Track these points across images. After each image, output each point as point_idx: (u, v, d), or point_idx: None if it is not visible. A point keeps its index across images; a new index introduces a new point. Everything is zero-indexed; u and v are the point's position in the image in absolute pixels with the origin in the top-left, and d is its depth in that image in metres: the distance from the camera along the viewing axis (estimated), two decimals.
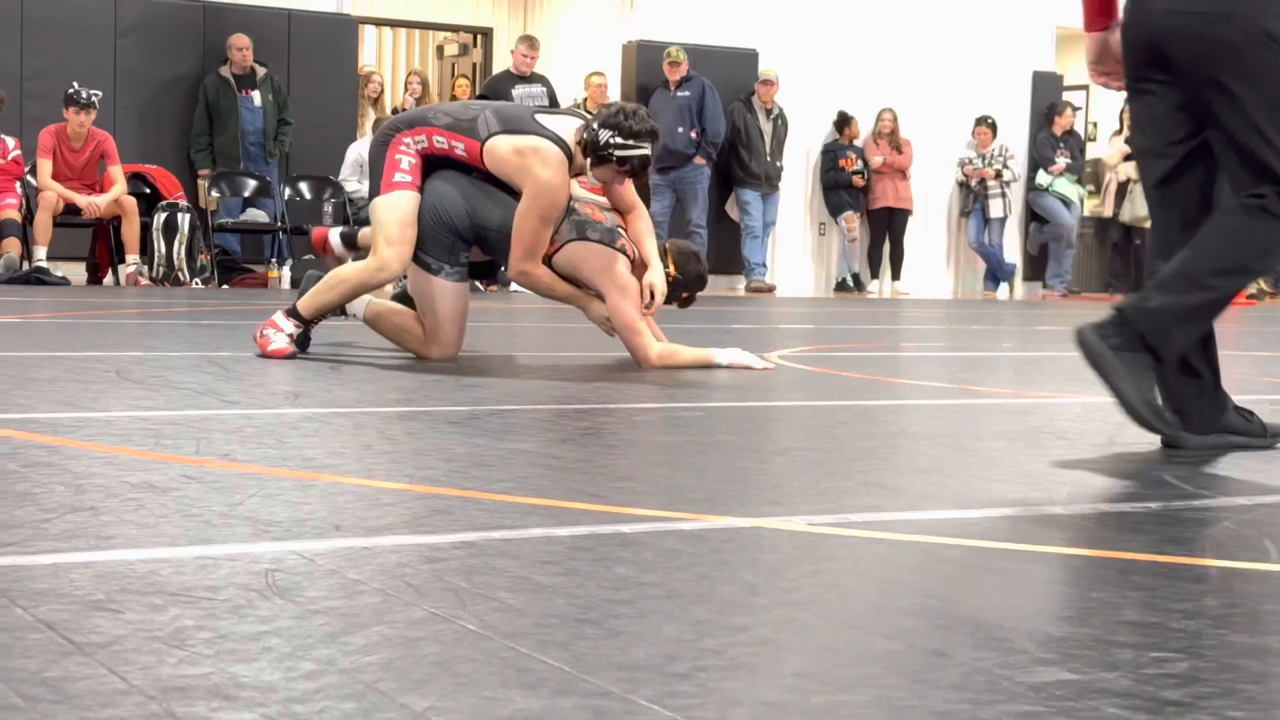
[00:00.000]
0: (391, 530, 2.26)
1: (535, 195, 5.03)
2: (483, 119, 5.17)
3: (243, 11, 12.66)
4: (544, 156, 5.04)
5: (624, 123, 5.07)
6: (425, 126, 5.18)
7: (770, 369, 5.32)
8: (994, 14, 15.93)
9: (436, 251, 5.15)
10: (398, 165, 5.16)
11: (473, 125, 5.15)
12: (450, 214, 5.12)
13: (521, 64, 13.09)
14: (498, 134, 5.11)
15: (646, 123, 5.13)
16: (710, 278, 15.35)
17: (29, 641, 1.60)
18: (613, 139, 5.07)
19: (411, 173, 5.16)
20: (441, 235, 5.13)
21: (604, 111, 5.15)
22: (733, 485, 2.84)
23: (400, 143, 5.18)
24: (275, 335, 5.16)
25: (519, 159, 5.05)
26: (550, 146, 5.08)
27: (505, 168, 5.09)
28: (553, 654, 1.62)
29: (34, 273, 10.51)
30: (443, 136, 5.16)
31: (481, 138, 5.12)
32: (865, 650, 1.68)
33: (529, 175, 5.03)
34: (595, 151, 5.09)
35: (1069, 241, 15.79)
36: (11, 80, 11.70)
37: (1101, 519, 2.60)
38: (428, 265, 5.16)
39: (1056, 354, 7.23)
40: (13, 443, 3.04)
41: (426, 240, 5.14)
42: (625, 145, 5.08)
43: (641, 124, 5.11)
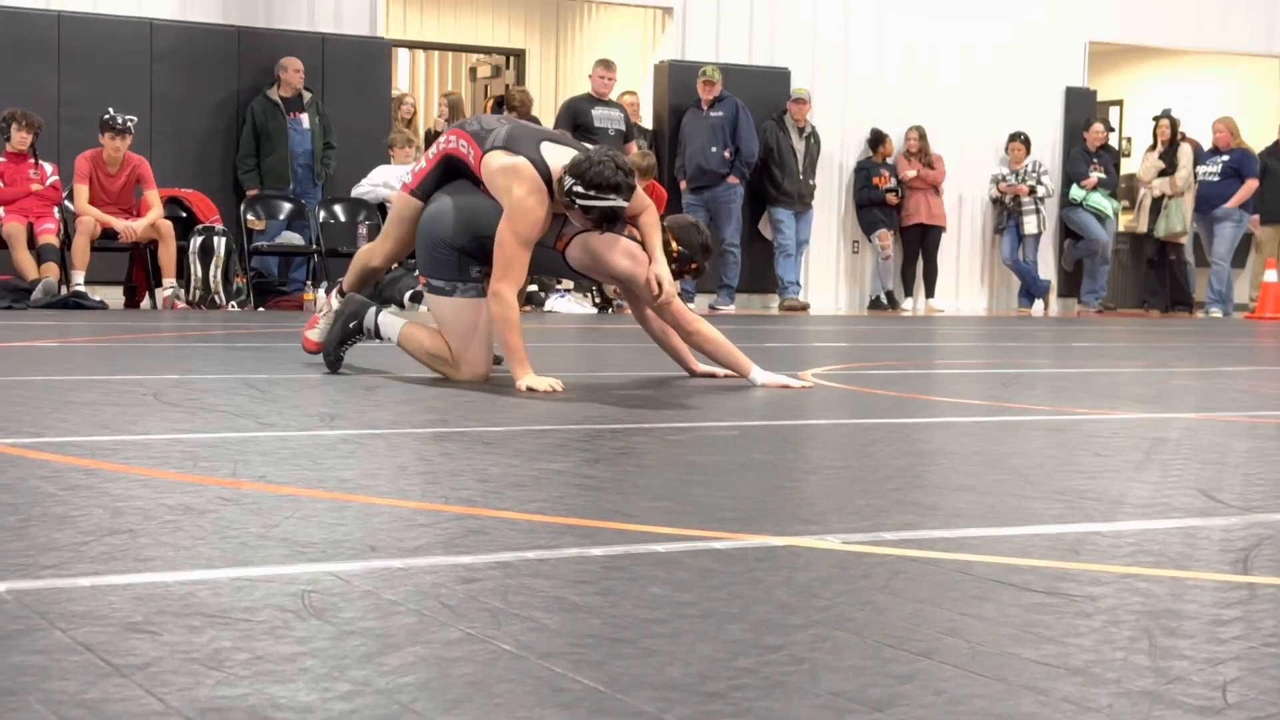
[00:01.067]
0: (427, 551, 2.27)
1: (510, 213, 5.02)
2: (495, 133, 5.21)
3: (278, 36, 12.75)
4: (522, 178, 5.03)
5: (587, 172, 4.92)
6: (461, 129, 5.31)
7: (809, 386, 5.32)
8: (1027, 30, 15.91)
9: (444, 272, 5.18)
10: (417, 163, 5.47)
11: (485, 136, 5.21)
12: (443, 233, 5.17)
13: (600, 86, 13.17)
14: (497, 149, 5.13)
15: (615, 176, 4.92)
16: (744, 296, 15.42)
17: (68, 663, 1.61)
18: (575, 187, 4.95)
19: (415, 175, 5.39)
20: (442, 255, 5.16)
21: (577, 157, 5.01)
22: (767, 504, 2.83)
23: (436, 141, 5.41)
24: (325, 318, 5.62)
25: (502, 177, 5.07)
26: (530, 169, 5.05)
27: (492, 182, 5.12)
28: (588, 674, 1.62)
29: (72, 297, 10.59)
30: (466, 141, 5.23)
31: (484, 148, 5.16)
32: (900, 669, 1.68)
33: (508, 194, 5.04)
34: (564, 196, 5.00)
35: (1104, 257, 15.73)
36: (49, 107, 11.80)
37: (1139, 537, 2.59)
38: (440, 289, 5.20)
39: (1092, 370, 7.20)
40: (52, 466, 3.06)
41: (431, 265, 5.19)
42: (587, 195, 4.94)
43: (606, 176, 4.91)
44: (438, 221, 5.19)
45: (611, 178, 4.93)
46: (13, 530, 2.34)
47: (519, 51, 17.22)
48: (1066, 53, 16.14)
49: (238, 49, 12.62)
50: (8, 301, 10.32)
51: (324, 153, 12.48)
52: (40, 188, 11.07)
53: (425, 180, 5.30)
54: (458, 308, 5.19)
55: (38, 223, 10.90)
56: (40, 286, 10.45)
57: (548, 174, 5.07)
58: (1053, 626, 1.89)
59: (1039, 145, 15.76)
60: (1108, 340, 10.39)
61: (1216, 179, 15.29)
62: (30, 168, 11.08)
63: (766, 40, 14.82)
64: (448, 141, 5.28)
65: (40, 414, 3.99)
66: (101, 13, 12.33)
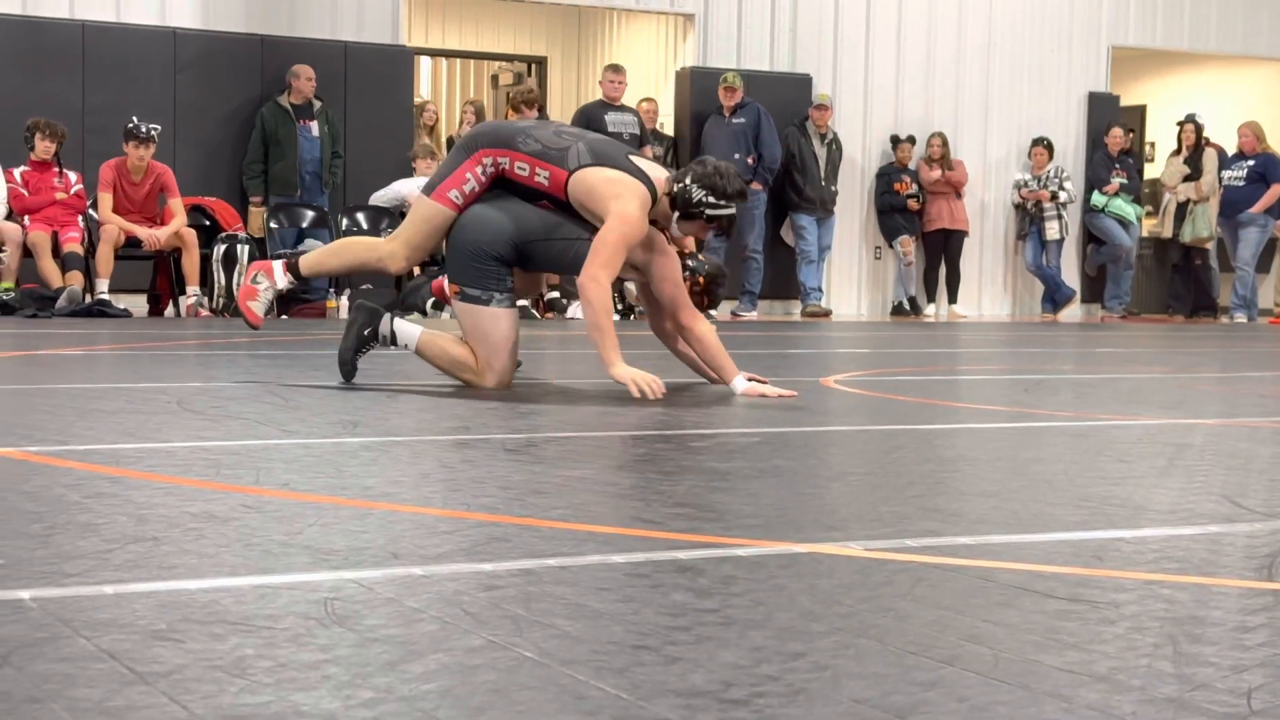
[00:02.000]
0: (449, 558, 2.27)
1: (620, 221, 5.05)
2: (575, 150, 5.21)
3: (300, 44, 12.79)
4: (633, 192, 5.11)
5: (718, 183, 5.18)
6: (510, 150, 5.23)
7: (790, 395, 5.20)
8: (1049, 35, 15.88)
9: (483, 283, 5.17)
10: (461, 181, 5.26)
11: (563, 155, 5.19)
12: (485, 242, 5.15)
13: (611, 91, 13.18)
14: (589, 166, 5.16)
15: (737, 183, 5.24)
16: (766, 303, 15.39)
17: (92, 671, 1.61)
18: (706, 198, 5.18)
19: (467, 197, 5.26)
20: (486, 267, 5.16)
21: (698, 169, 5.23)
22: (789, 511, 2.83)
23: (479, 160, 5.26)
24: (263, 292, 5.46)
25: (609, 187, 5.10)
26: (638, 184, 5.16)
27: (592, 196, 5.12)
28: (610, 681, 1.62)
29: (96, 305, 10.63)
30: (525, 163, 5.19)
31: (571, 168, 5.16)
32: (923, 677, 1.68)
33: (617, 203, 5.06)
34: (687, 207, 5.18)
35: (1127, 262, 15.68)
36: (73, 116, 11.85)
37: (1163, 543, 2.58)
38: (475, 298, 5.18)
39: (1116, 376, 7.17)
40: (76, 474, 3.07)
41: (470, 276, 5.17)
42: (717, 205, 5.19)
43: (733, 185, 5.22)
44: (477, 231, 5.18)
45: (737, 185, 5.25)
46: (38, 538, 2.35)
47: (541, 59, 17.25)
48: (1089, 58, 16.11)
49: (260, 58, 12.66)
50: (33, 310, 10.37)
51: (331, 161, 12.51)
52: (65, 196, 11.12)
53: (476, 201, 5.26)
54: (494, 317, 5.19)
55: (62, 231, 10.95)
56: (65, 295, 10.50)
57: (652, 187, 5.19)
58: (1076, 633, 1.89)
59: (1061, 150, 15.73)
60: (1131, 345, 10.36)
61: (1241, 184, 15.24)
62: (55, 176, 11.13)
63: (788, 46, 14.82)
64: (497, 165, 5.22)
65: (65, 422, 4.01)
66: (125, 22, 12.38)
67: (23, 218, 10.98)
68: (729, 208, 5.21)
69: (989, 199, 15.68)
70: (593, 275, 5.04)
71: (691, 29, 14.59)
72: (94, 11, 12.34)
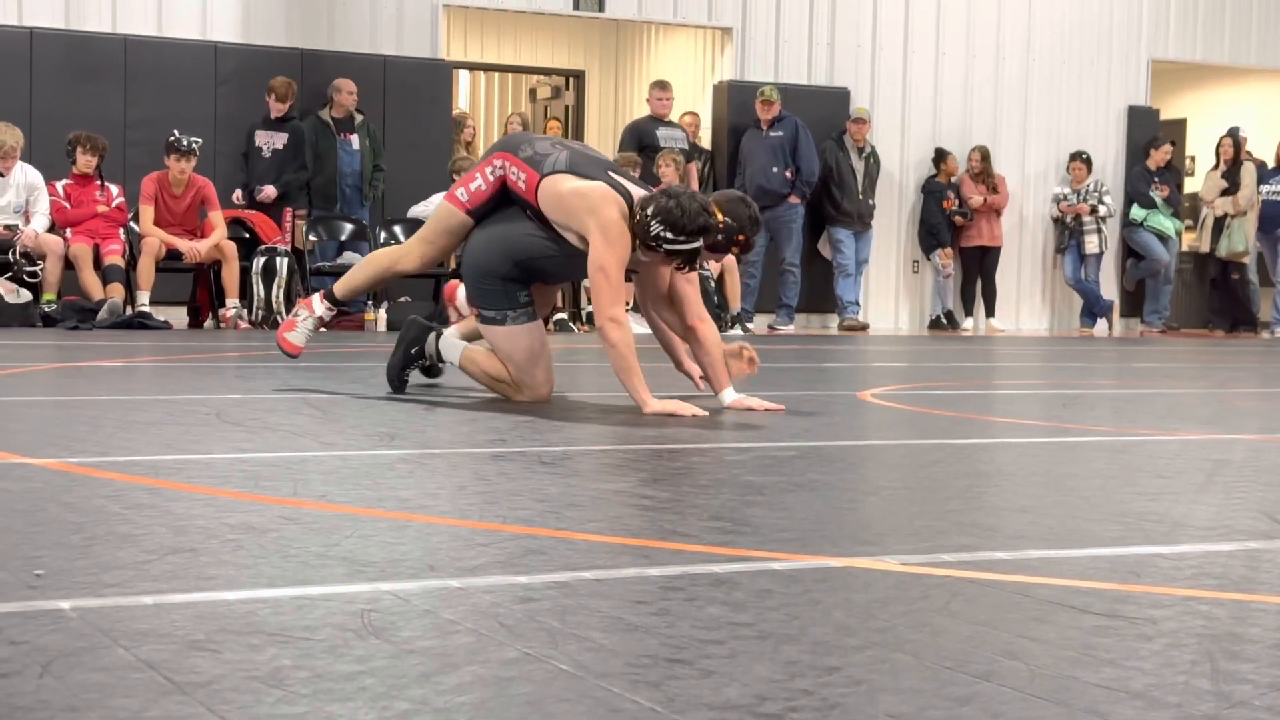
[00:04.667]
0: (485, 570, 2.28)
1: (606, 237, 4.93)
2: (554, 158, 5.15)
3: (340, 58, 12.85)
4: (607, 201, 4.98)
5: (677, 219, 4.89)
6: (512, 154, 5.23)
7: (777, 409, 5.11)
8: (1088, 49, 15.83)
9: (494, 303, 5.18)
10: (470, 180, 5.33)
11: (541, 161, 5.15)
12: (487, 265, 5.15)
13: (659, 108, 13.35)
14: (560, 173, 5.08)
15: (700, 218, 4.91)
16: (803, 316, 15.37)
17: (131, 681, 1.62)
18: (663, 233, 4.92)
19: (473, 196, 5.30)
20: (489, 286, 5.16)
21: (661, 200, 4.94)
22: (825, 525, 2.83)
23: (490, 162, 5.31)
24: (302, 322, 5.59)
25: (579, 200, 4.99)
26: (610, 190, 5.03)
27: (560, 206, 5.03)
28: (645, 694, 1.62)
29: (137, 317, 10.70)
30: (517, 168, 5.20)
31: (543, 172, 5.10)
32: (959, 692, 1.67)
33: (594, 216, 4.95)
34: (644, 239, 4.95)
35: (1166, 277, 15.60)
36: (115, 129, 11.94)
37: (1201, 559, 2.57)
38: (491, 319, 5.20)
39: (1154, 391, 7.14)
40: (116, 485, 3.09)
41: (483, 298, 5.19)
42: (674, 241, 4.93)
43: (693, 221, 4.90)
44: (480, 254, 5.22)
45: (700, 220, 4.92)
46: (77, 549, 2.37)
47: (579, 73, 17.28)
48: (1129, 71, 16.04)
49: (300, 71, 12.72)
50: (74, 322, 10.44)
51: (373, 175, 12.57)
52: (106, 209, 11.20)
53: (485, 203, 5.29)
54: (512, 335, 5.21)
55: (104, 244, 11.03)
56: (106, 307, 10.57)
57: (629, 198, 5.04)
58: (1113, 649, 1.88)
59: (1100, 164, 15.67)
60: (1170, 361, 10.30)
61: None
62: (96, 189, 11.21)
63: (825, 60, 14.81)
64: (505, 168, 5.24)
65: (105, 433, 4.04)
66: (167, 36, 12.47)
67: (65, 230, 11.07)
68: (688, 243, 4.93)
69: (1028, 212, 15.63)
70: (609, 316, 4.93)
71: (729, 42, 14.60)
72: (136, 26, 12.43)
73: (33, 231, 10.88)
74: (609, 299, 4.94)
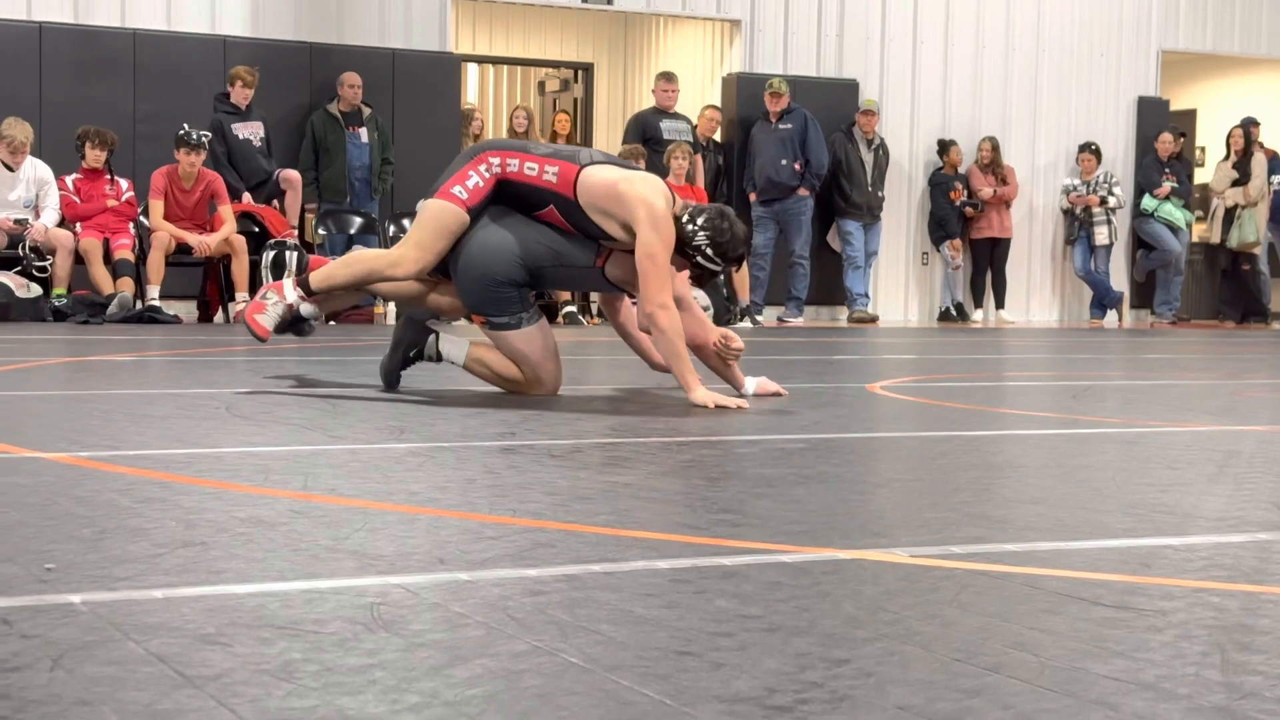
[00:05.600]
0: (494, 564, 2.28)
1: (654, 225, 4.94)
2: (586, 152, 5.23)
3: (348, 51, 12.86)
4: (654, 187, 5.03)
5: (723, 241, 5.04)
6: (521, 152, 5.18)
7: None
8: (1098, 40, 15.80)
9: (507, 309, 5.12)
10: (464, 179, 5.16)
11: (574, 154, 5.18)
12: (501, 273, 5.06)
13: (664, 99, 13.36)
14: (600, 163, 5.13)
15: (739, 249, 5.11)
16: (812, 309, 15.36)
17: (141, 674, 1.63)
18: (706, 249, 5.04)
19: (472, 193, 5.13)
20: (503, 293, 5.10)
21: (715, 219, 5.05)
22: (834, 517, 2.83)
23: (484, 160, 5.18)
24: (271, 307, 5.27)
25: (629, 186, 4.99)
26: (661, 183, 5.09)
27: (608, 194, 5.01)
28: (654, 686, 1.62)
29: (147, 311, 10.72)
30: (535, 163, 5.12)
31: (581, 163, 5.11)
32: (969, 684, 1.67)
33: (645, 205, 4.94)
34: (683, 243, 5.03)
35: (1177, 268, 15.58)
36: (124, 123, 11.95)
37: (1212, 550, 2.57)
38: (504, 325, 5.13)
39: (1165, 382, 7.13)
40: (126, 479, 3.10)
41: (489, 304, 5.11)
42: (711, 260, 5.06)
43: (736, 250, 5.09)
44: (486, 261, 5.08)
45: (740, 250, 5.12)
46: (88, 542, 2.38)
47: (587, 65, 17.27)
48: (1138, 62, 16.01)
49: (309, 64, 12.73)
50: (84, 316, 10.46)
51: (382, 168, 12.58)
52: (116, 204, 11.22)
53: (482, 202, 5.15)
54: (527, 337, 5.17)
55: (113, 238, 11.04)
56: (116, 301, 10.59)
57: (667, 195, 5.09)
58: (1123, 641, 1.88)
59: (1110, 156, 15.64)
60: (1181, 352, 10.29)
61: None
62: (106, 184, 11.23)
63: (834, 52, 14.80)
64: (504, 165, 5.14)
65: (115, 427, 4.05)
66: (176, 31, 12.48)
67: (74, 225, 11.08)
68: (719, 266, 5.09)
69: (1037, 204, 15.61)
70: (660, 303, 4.94)
71: (738, 35, 14.58)
72: (145, 20, 12.44)
73: (43, 226, 10.90)
74: (656, 286, 4.95)
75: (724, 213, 5.10)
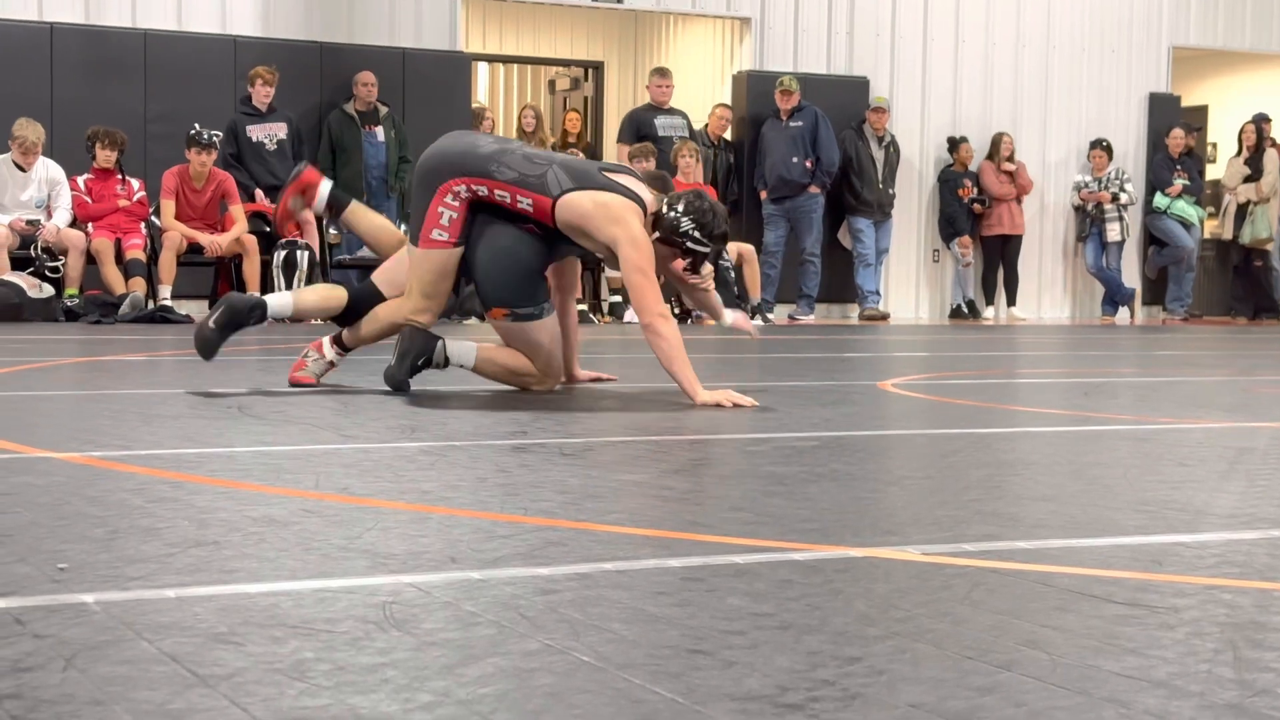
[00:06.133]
0: (506, 562, 2.28)
1: (634, 243, 5.04)
2: (552, 175, 5.15)
3: (359, 51, 12.87)
4: (629, 212, 5.09)
5: (707, 221, 5.15)
6: (486, 179, 5.16)
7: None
8: (1109, 36, 15.77)
9: (532, 298, 5.19)
10: (437, 220, 5.18)
11: (542, 181, 5.13)
12: (533, 261, 5.18)
13: (659, 95, 13.33)
14: (571, 190, 5.12)
15: (722, 227, 5.21)
16: (824, 306, 15.36)
17: (154, 674, 1.63)
18: (692, 231, 5.15)
19: (451, 229, 5.18)
20: (532, 285, 5.19)
21: (693, 201, 5.17)
22: (846, 515, 2.83)
23: (448, 191, 5.17)
24: (312, 363, 5.47)
25: (604, 211, 5.07)
26: (629, 201, 5.14)
27: (587, 221, 5.08)
28: (666, 685, 1.62)
29: (158, 311, 10.74)
30: (505, 191, 5.13)
31: (554, 194, 5.11)
32: (980, 681, 1.67)
33: (619, 226, 5.04)
34: (670, 233, 5.14)
35: (1189, 264, 15.55)
36: (135, 123, 11.98)
37: (1224, 548, 2.56)
38: (528, 315, 5.18)
39: (1177, 379, 7.12)
40: (138, 479, 3.10)
41: (518, 294, 5.16)
42: (698, 241, 5.17)
43: (719, 227, 5.19)
44: (521, 253, 5.16)
45: (723, 228, 5.23)
46: (100, 542, 2.38)
47: (597, 64, 17.27)
48: (1149, 58, 15.98)
49: (320, 64, 12.75)
50: (96, 316, 10.48)
51: (399, 166, 12.59)
52: (127, 204, 11.24)
53: (464, 229, 5.18)
54: (546, 328, 5.24)
55: (125, 238, 11.07)
56: (128, 301, 10.61)
57: (641, 202, 5.17)
58: (1135, 638, 1.88)
59: (1122, 152, 15.61)
60: (1193, 348, 10.27)
61: None
62: (117, 184, 11.26)
63: (844, 49, 14.79)
64: (473, 191, 5.14)
65: (127, 427, 4.05)
66: (187, 31, 12.50)
67: (86, 225, 11.11)
68: (707, 246, 5.18)
69: (1048, 201, 15.59)
70: (658, 313, 5.04)
71: (748, 32, 14.58)
72: (156, 20, 12.46)
73: (54, 226, 10.92)
74: (653, 297, 5.07)
75: (699, 194, 5.26)
